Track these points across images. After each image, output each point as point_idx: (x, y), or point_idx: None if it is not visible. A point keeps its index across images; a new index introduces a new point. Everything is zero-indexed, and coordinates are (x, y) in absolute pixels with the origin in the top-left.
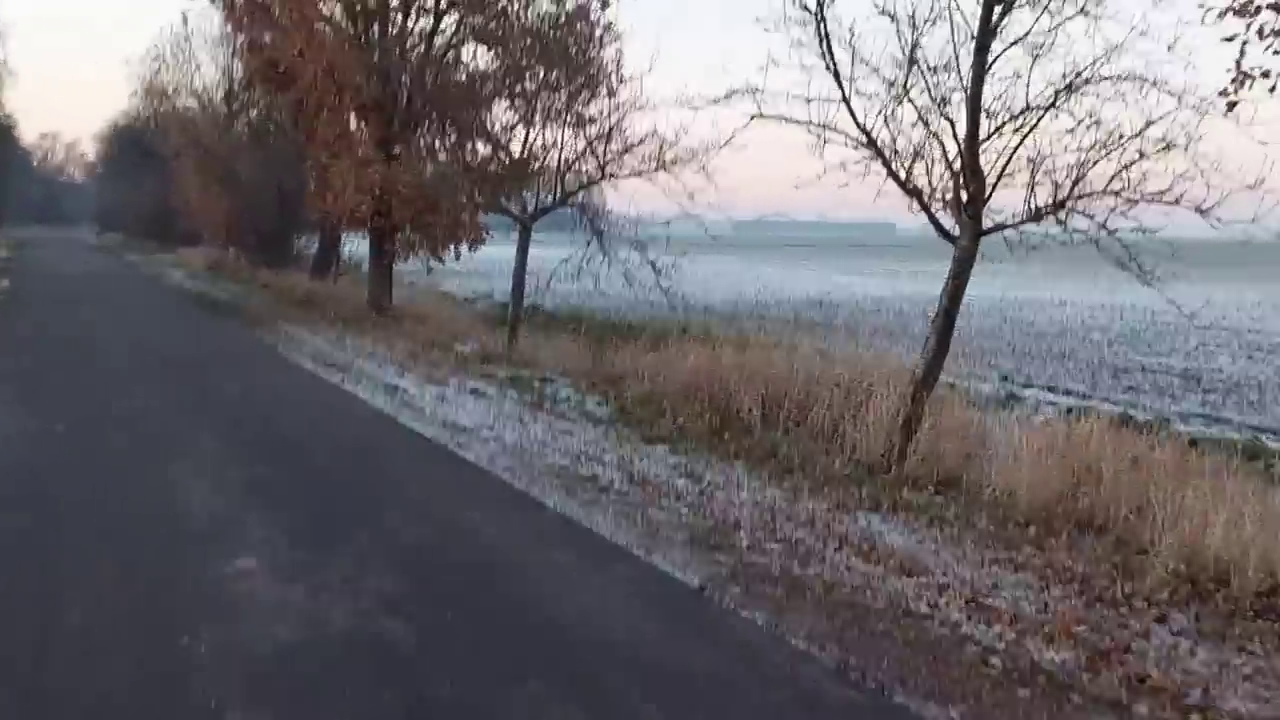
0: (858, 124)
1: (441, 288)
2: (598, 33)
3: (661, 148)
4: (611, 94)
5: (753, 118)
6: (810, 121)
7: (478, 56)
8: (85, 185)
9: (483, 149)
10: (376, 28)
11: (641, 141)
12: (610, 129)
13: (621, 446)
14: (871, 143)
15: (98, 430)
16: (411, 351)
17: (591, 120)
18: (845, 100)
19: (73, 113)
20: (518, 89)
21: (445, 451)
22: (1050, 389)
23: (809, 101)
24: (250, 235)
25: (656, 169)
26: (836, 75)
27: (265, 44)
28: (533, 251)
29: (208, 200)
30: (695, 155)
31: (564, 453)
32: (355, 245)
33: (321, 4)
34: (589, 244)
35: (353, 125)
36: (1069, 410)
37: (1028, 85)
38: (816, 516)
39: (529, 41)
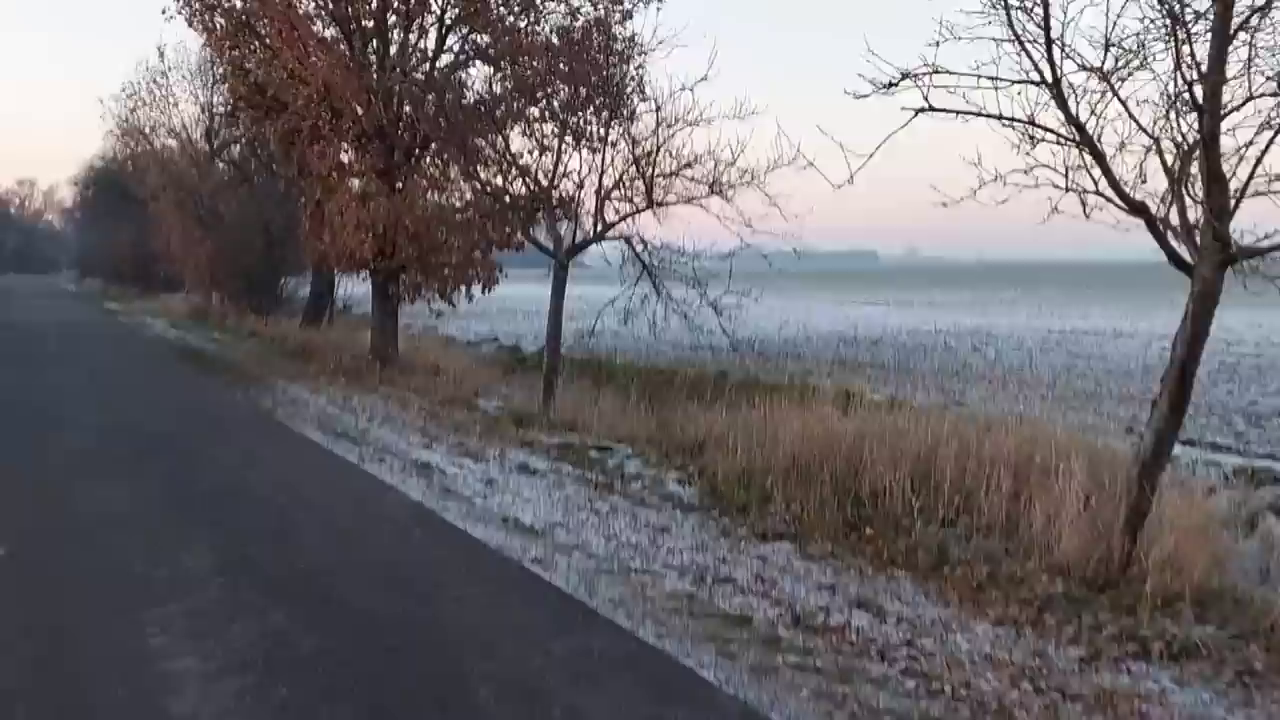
0: (1069, 116)
1: (441, 330)
2: (618, 46)
3: (716, 167)
4: (632, 115)
5: (919, 111)
6: (1001, 116)
7: (489, 79)
8: (64, 231)
9: (497, 179)
10: (375, 46)
11: (692, 162)
12: (656, 149)
13: (739, 551)
14: (1086, 139)
15: (49, 556)
16: (431, 412)
17: (635, 141)
18: (1054, 83)
19: (50, 156)
20: (531, 112)
21: (521, 573)
22: None
23: (997, 88)
24: (236, 279)
25: (711, 193)
26: (1049, 47)
27: (251, 67)
28: (529, 291)
29: (189, 243)
30: (755, 176)
31: (674, 566)
32: (349, 288)
33: (313, 22)
34: (637, 281)
35: (349, 156)
36: None
37: None
38: (1081, 677)
39: (541, 60)
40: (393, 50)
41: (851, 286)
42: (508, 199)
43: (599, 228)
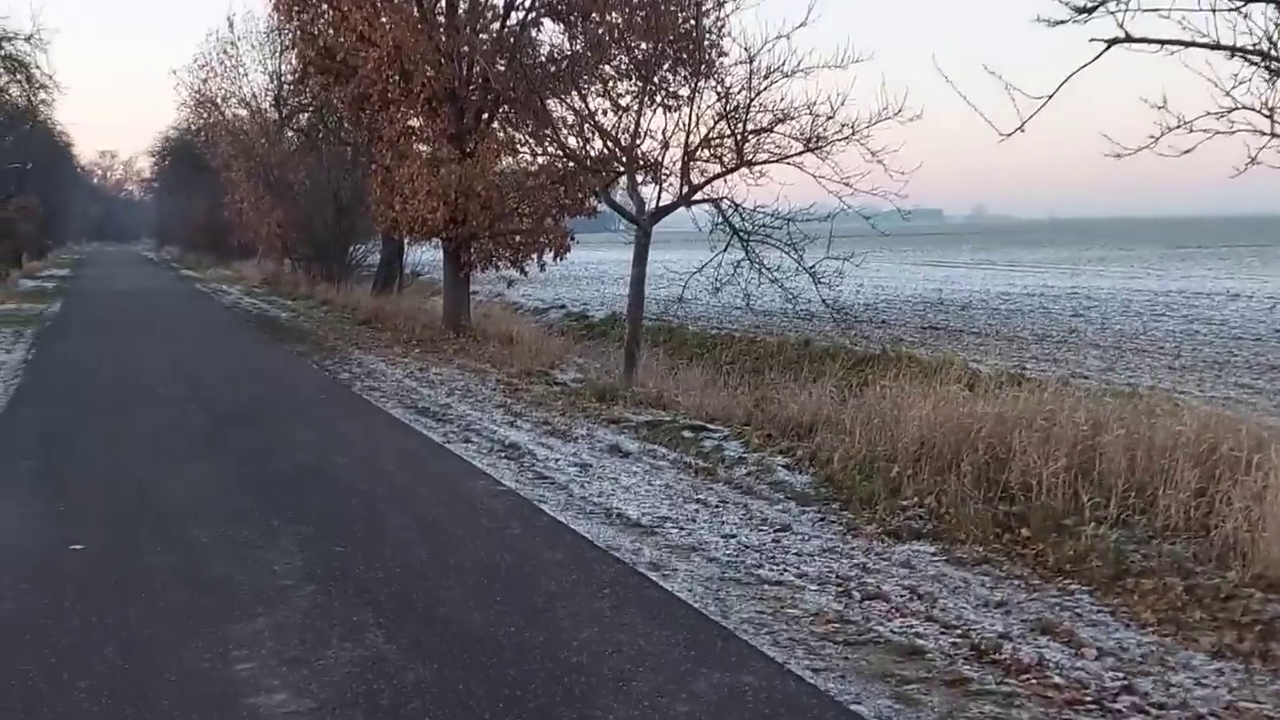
0: None
1: (508, 297)
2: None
3: (814, 122)
4: (710, 69)
5: (1111, 43)
6: (1222, 45)
7: (560, 37)
8: (143, 201)
9: (573, 141)
10: (444, 6)
11: (787, 117)
12: (748, 103)
13: (876, 555)
14: None
15: (127, 553)
16: (509, 385)
17: (727, 95)
18: None
19: (132, 127)
20: (605, 70)
21: (638, 581)
22: None
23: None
24: (306, 247)
25: (807, 150)
26: None
27: (319, 31)
28: (592, 256)
29: (260, 211)
30: (856, 130)
31: (809, 575)
32: (417, 253)
33: None
34: (726, 247)
35: (419, 121)
36: None
37: None
38: None
39: (618, 14)
40: (462, 9)
41: (922, 247)
42: (587, 162)
43: (685, 190)
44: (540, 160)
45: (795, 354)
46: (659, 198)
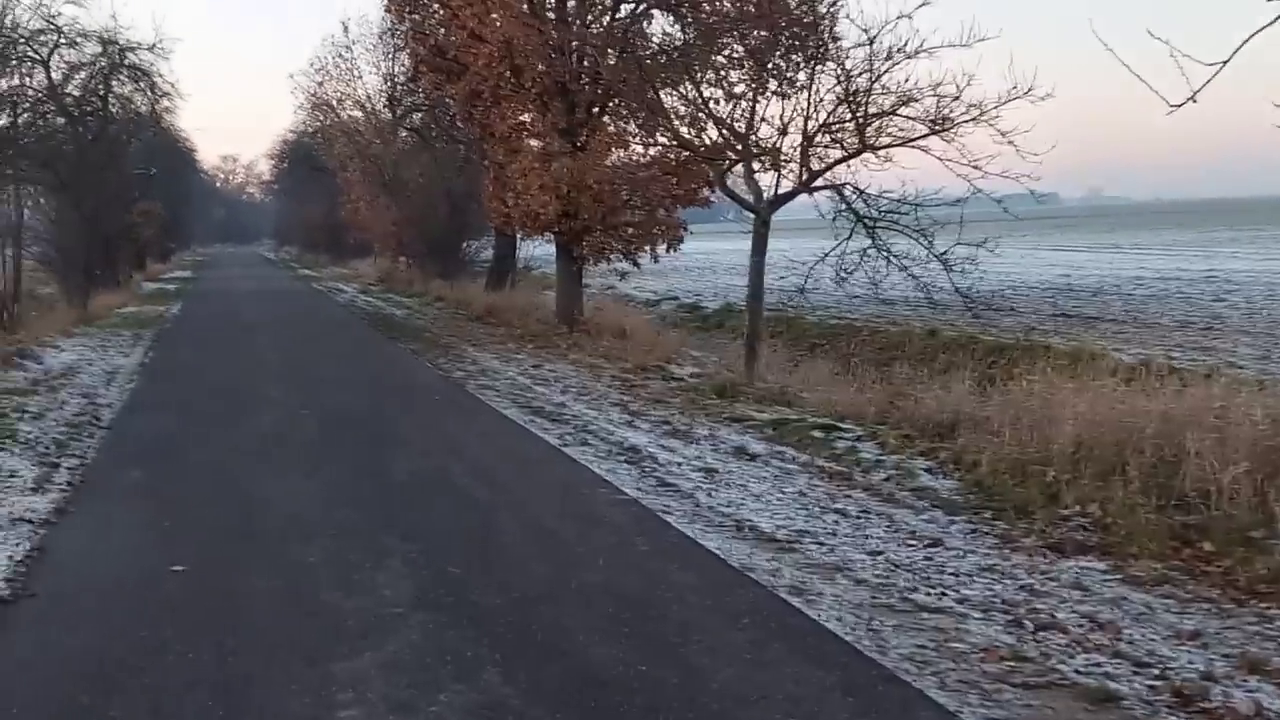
0: None
1: (618, 289)
2: None
3: (939, 103)
4: (824, 53)
5: None
6: None
7: (670, 28)
8: (263, 203)
9: (686, 130)
10: (553, 1)
11: (910, 99)
12: (869, 85)
13: (1041, 574)
14: None
15: (230, 575)
16: (624, 382)
17: (848, 76)
18: None
19: (253, 131)
20: (716, 60)
21: (780, 609)
22: None
23: None
24: (420, 244)
25: (931, 133)
26: None
27: (430, 30)
28: (700, 246)
29: (375, 210)
30: (983, 111)
31: (970, 599)
32: (529, 248)
33: None
34: (850, 234)
35: (530, 116)
36: None
37: None
38: None
39: (729, 3)
40: (571, 3)
41: (1039, 231)
42: (701, 150)
43: (805, 177)
44: (652, 151)
45: (922, 344)
46: (777, 185)
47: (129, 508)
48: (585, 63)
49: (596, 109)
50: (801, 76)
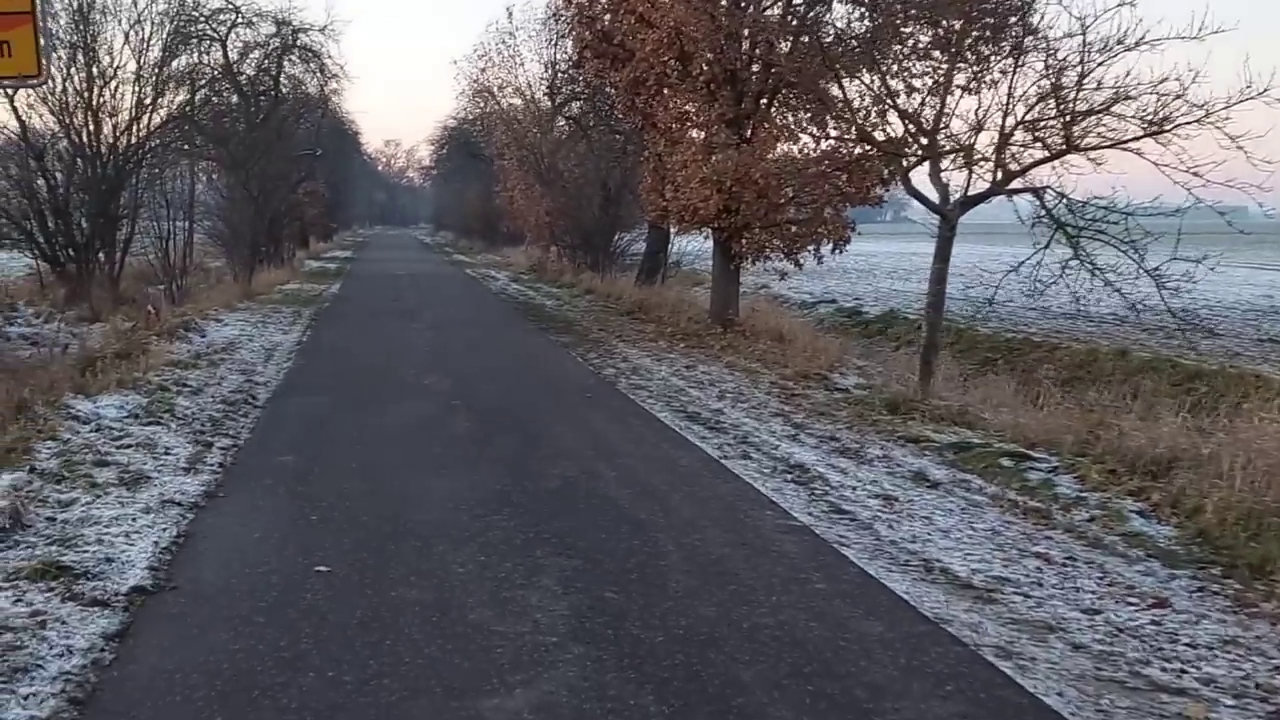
0: None
1: (772, 290)
2: None
3: (1157, 101)
4: (1031, 44)
5: None
6: None
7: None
8: (422, 187)
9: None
10: None
11: (1125, 96)
12: (1079, 80)
13: None
14: None
15: (374, 582)
16: (784, 389)
17: (1059, 69)
18: None
19: (416, 115)
20: (897, 49)
21: (987, 674)
22: None
23: None
24: (572, 235)
25: (1146, 134)
26: None
27: (599, 12)
28: (868, 247)
29: (530, 199)
30: (1209, 113)
31: (1216, 680)
32: (680, 243)
33: None
34: (1048, 243)
35: (694, 106)
36: None
37: None
38: None
39: None
40: None
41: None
42: (884, 145)
43: (999, 178)
44: (824, 145)
45: (1111, 365)
46: (968, 185)
47: (277, 496)
48: (757, 50)
49: (765, 99)
50: (999, 68)
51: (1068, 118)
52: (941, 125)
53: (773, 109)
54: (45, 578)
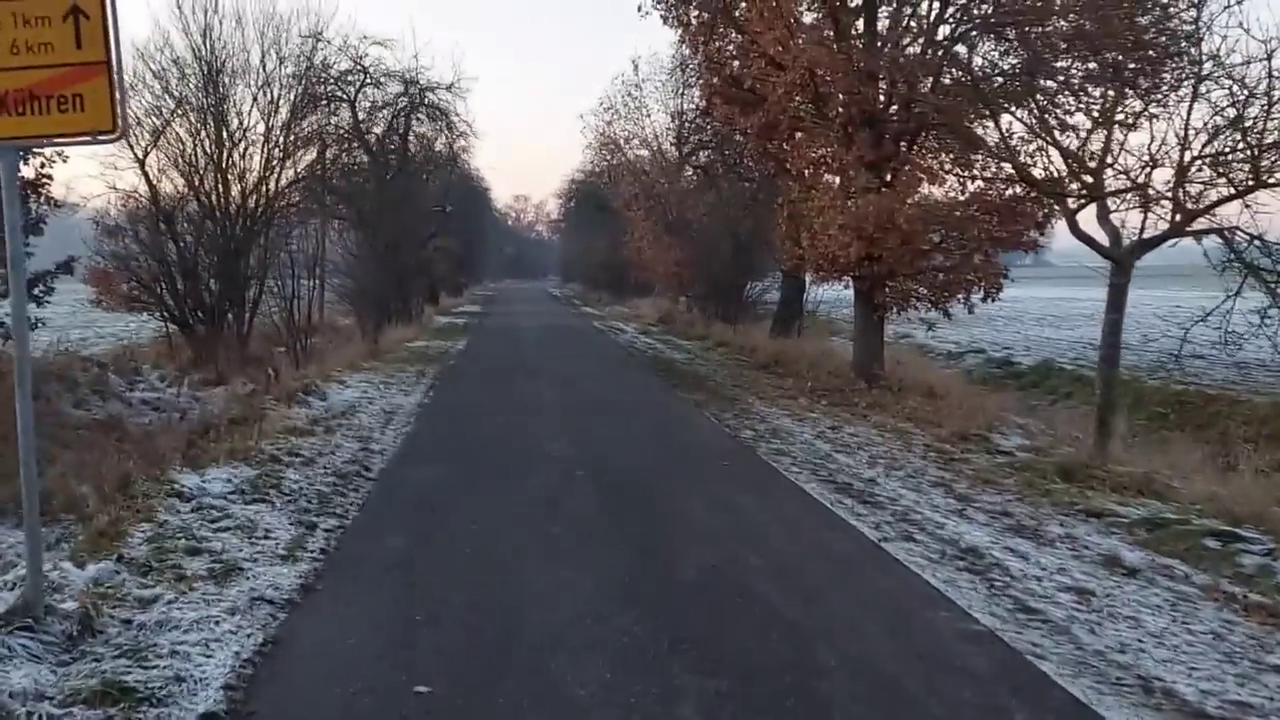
0: None
1: (914, 339)
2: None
3: None
4: (1195, 73)
5: None
6: None
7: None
8: (551, 240)
9: (1008, 166)
10: (863, 23)
11: None
12: (1266, 111)
13: None
14: None
15: (482, 703)
16: (942, 453)
17: (1247, 98)
18: None
19: (546, 171)
20: (1048, 85)
21: None
22: None
23: None
24: (702, 285)
25: None
26: None
27: (728, 57)
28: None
29: (659, 249)
30: None
31: None
32: (815, 291)
33: (797, 3)
34: (1239, 290)
35: (831, 149)
36: None
37: None
38: None
39: (1068, 21)
40: (882, 26)
41: None
42: (1045, 185)
43: (1177, 218)
44: (971, 187)
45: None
46: (1142, 228)
47: (380, 591)
48: (896, 89)
49: (907, 141)
50: (1174, 98)
51: (1254, 150)
52: (1108, 162)
53: (914, 150)
54: (105, 702)
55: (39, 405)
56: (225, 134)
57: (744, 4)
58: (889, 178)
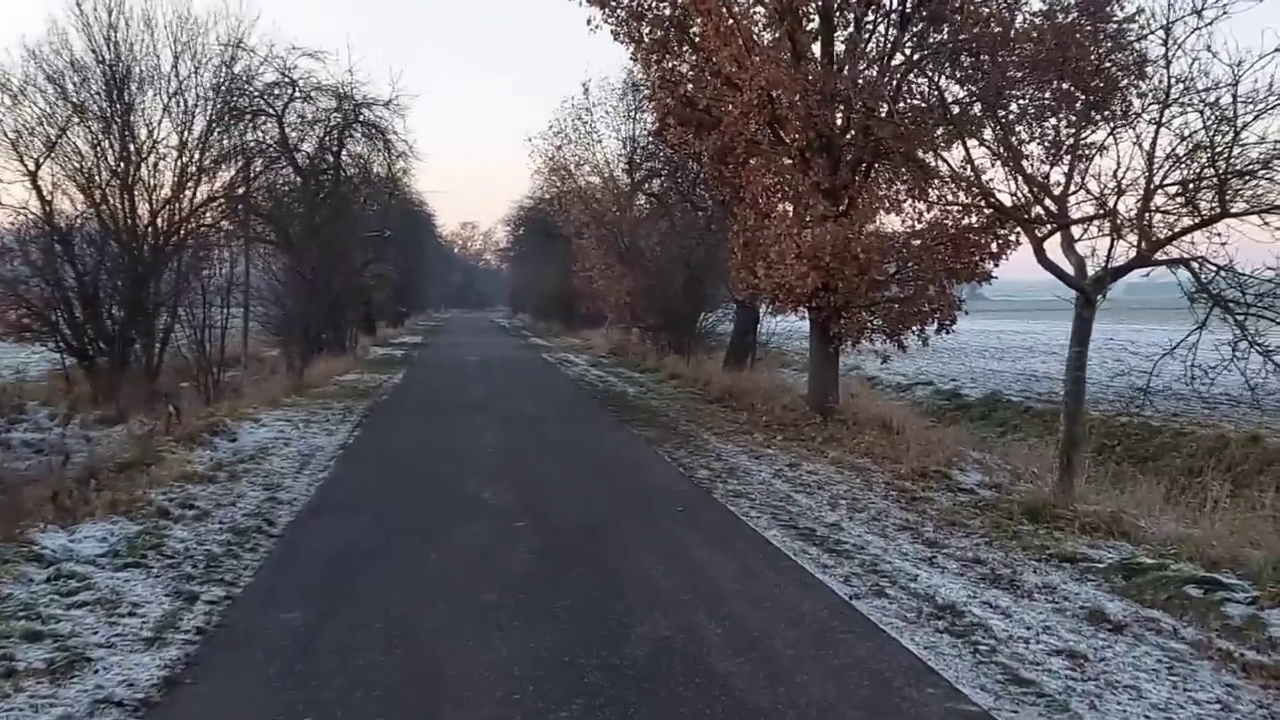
0: None
1: (863, 370)
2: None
3: None
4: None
5: None
6: None
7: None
8: (499, 269)
9: (963, 196)
10: (818, 47)
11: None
12: (1232, 139)
13: None
14: None
15: None
16: (903, 491)
17: (1215, 127)
18: None
19: (494, 199)
20: (1009, 113)
21: None
22: None
23: None
24: (655, 315)
25: None
26: None
27: (681, 77)
28: None
29: (610, 279)
30: None
31: None
32: (768, 323)
33: (753, 23)
34: (1204, 322)
35: (787, 176)
36: None
37: None
38: None
39: (1023, 51)
40: (839, 50)
41: None
42: (1014, 211)
43: (1143, 246)
44: (929, 216)
45: (1243, 452)
46: (1109, 257)
47: (266, 681)
48: (855, 112)
49: (864, 167)
50: (1142, 121)
51: (1221, 178)
52: (1072, 190)
53: (870, 177)
54: None
55: None
56: (132, 146)
57: (699, 20)
58: (845, 206)
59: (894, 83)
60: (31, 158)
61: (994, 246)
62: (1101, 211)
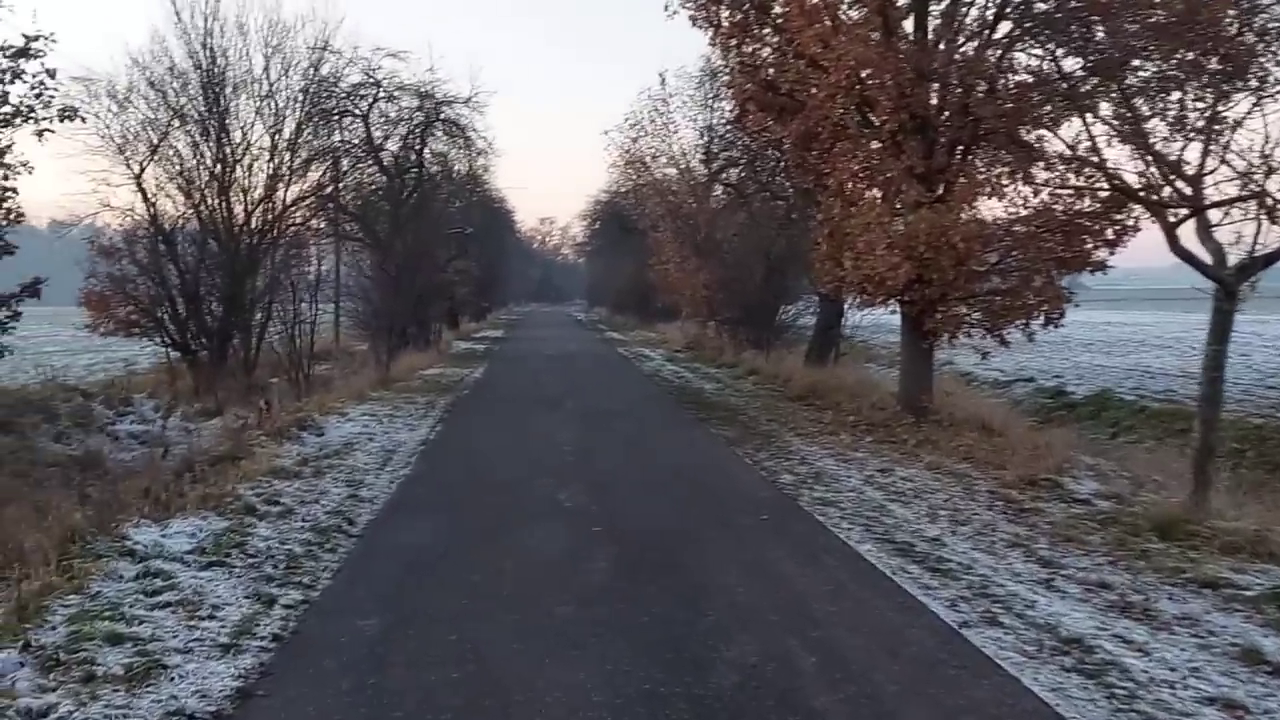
0: None
1: (956, 365)
2: None
3: None
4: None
5: None
6: None
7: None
8: (576, 263)
9: (1075, 179)
10: (910, 23)
11: None
12: None
13: None
14: None
15: None
16: (1010, 501)
17: None
18: None
19: (573, 194)
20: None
21: None
22: None
23: None
24: (732, 309)
25: None
26: None
27: (762, 61)
28: None
29: (686, 272)
30: None
31: None
32: (852, 315)
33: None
34: None
35: (877, 161)
36: None
37: None
38: None
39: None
40: (933, 26)
41: None
42: (1141, 195)
43: None
44: (1035, 201)
45: None
46: (1255, 242)
47: (336, 700)
48: (952, 92)
49: (962, 150)
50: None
51: None
52: (1208, 169)
53: (969, 160)
54: None
55: (10, 439)
56: (228, 149)
57: (781, 1)
58: (941, 191)
59: (995, 56)
60: (136, 161)
61: (1110, 233)
62: (1247, 193)
